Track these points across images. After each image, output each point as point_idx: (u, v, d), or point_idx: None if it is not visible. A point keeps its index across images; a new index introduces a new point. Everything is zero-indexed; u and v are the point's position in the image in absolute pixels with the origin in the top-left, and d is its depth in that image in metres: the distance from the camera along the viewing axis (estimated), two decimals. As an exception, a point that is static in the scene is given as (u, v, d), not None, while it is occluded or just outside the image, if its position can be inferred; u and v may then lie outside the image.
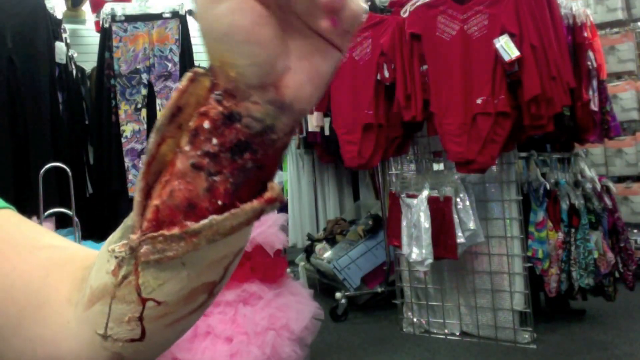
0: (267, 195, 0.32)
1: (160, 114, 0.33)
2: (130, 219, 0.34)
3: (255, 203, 0.32)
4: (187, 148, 0.32)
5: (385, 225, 3.19)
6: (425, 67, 2.70)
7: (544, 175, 2.89)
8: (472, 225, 2.64)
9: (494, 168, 2.76)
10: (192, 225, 0.32)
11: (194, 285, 0.35)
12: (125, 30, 3.38)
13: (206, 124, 0.32)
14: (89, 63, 3.96)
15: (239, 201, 0.32)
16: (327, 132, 3.50)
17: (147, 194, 0.33)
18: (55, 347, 0.38)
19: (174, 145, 0.33)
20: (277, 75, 0.31)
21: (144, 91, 3.33)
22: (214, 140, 0.31)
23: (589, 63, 2.86)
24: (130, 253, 0.33)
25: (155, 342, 0.37)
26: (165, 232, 0.32)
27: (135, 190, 0.34)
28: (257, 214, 0.32)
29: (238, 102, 0.31)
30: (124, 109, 3.31)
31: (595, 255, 2.75)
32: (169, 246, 0.32)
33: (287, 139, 0.33)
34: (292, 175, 4.51)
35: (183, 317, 0.36)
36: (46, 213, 2.44)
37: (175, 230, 0.32)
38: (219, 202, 0.32)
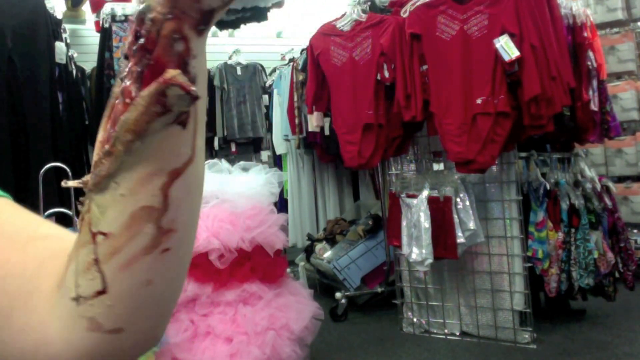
0: (163, 77, 0.30)
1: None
2: None
3: (150, 86, 0.30)
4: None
5: (385, 225, 3.19)
6: (425, 67, 2.71)
7: (544, 175, 2.89)
8: (472, 225, 2.64)
9: (494, 168, 2.76)
10: (111, 134, 0.32)
11: (131, 208, 0.33)
12: (125, 30, 3.38)
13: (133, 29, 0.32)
14: (89, 63, 3.96)
15: None
16: (327, 132, 3.50)
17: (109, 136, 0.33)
18: (41, 334, 0.37)
19: None
20: None
21: (144, 91, 3.33)
22: (126, 43, 0.32)
23: (589, 63, 2.86)
24: (86, 190, 0.33)
25: (121, 295, 0.35)
26: (101, 152, 0.32)
27: (99, 129, 0.34)
28: (157, 99, 0.30)
29: None
30: (124, 109, 3.30)
31: (595, 255, 2.75)
32: (102, 166, 0.32)
33: (170, 25, 0.31)
34: (292, 175, 4.51)
35: (136, 255, 0.34)
36: (46, 213, 2.45)
37: (106, 146, 0.32)
38: (128, 102, 0.31)
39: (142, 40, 0.31)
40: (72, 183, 0.34)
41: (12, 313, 0.38)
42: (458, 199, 2.67)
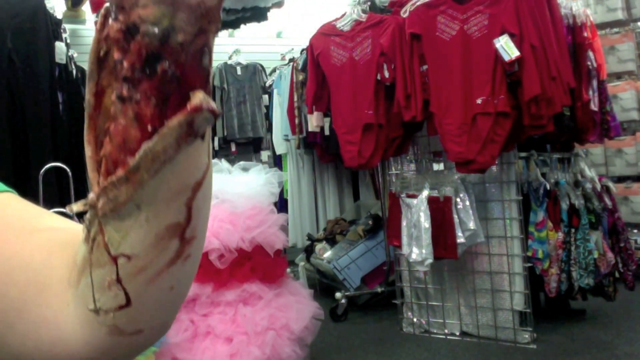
0: (190, 104, 0.29)
1: (88, 58, 0.32)
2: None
3: (179, 116, 0.29)
4: (115, 84, 0.30)
5: (385, 225, 3.19)
6: (425, 67, 2.71)
7: (544, 175, 2.89)
8: (472, 225, 2.64)
9: (494, 168, 2.76)
10: (131, 161, 0.30)
11: (157, 229, 0.33)
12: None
13: (113, 49, 0.29)
14: (89, 63, 3.95)
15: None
16: (327, 132, 3.50)
17: (100, 147, 0.32)
18: (58, 330, 0.37)
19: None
20: None
21: (144, 91, 3.32)
22: (125, 63, 0.29)
23: (589, 63, 2.86)
24: (92, 212, 0.32)
25: (144, 304, 0.35)
26: (113, 177, 0.31)
27: (85, 144, 0.32)
28: (186, 128, 0.29)
29: (129, 12, 0.28)
30: (124, 109, 3.30)
31: (595, 255, 2.75)
32: (119, 191, 0.31)
33: (200, 41, 0.29)
34: (292, 175, 4.51)
35: (162, 270, 0.34)
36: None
37: (120, 172, 0.30)
38: (149, 128, 0.30)
39: (165, 64, 0.29)
40: (76, 207, 0.33)
41: (24, 306, 0.38)
42: (458, 199, 2.67)
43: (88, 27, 4.37)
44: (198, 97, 0.29)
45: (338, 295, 3.27)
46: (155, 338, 0.39)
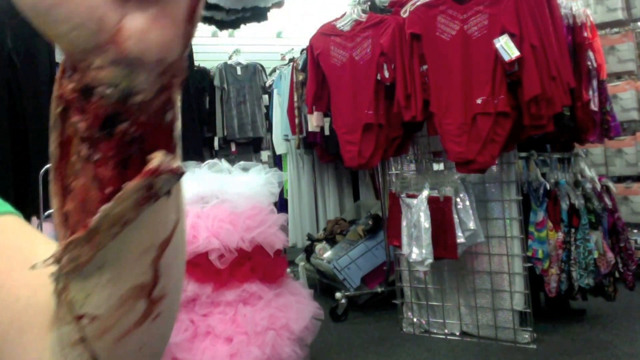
0: (147, 167, 0.27)
1: (50, 110, 0.30)
2: None
3: (137, 180, 0.27)
4: (75, 141, 0.29)
5: (385, 225, 3.19)
6: (425, 67, 2.70)
7: (544, 175, 2.89)
8: (472, 225, 2.64)
9: (494, 168, 2.76)
10: (90, 222, 0.28)
11: (121, 290, 0.31)
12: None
13: (71, 108, 0.28)
14: (89, 63, 3.96)
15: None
16: (327, 132, 3.50)
17: (65, 200, 0.30)
18: None
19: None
20: (111, 29, 0.26)
21: (144, 91, 3.32)
22: (82, 123, 0.28)
23: (589, 63, 2.86)
24: (58, 267, 0.30)
25: None
26: (75, 236, 0.29)
27: (51, 198, 0.31)
28: (145, 191, 0.28)
29: (84, 73, 0.27)
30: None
31: (595, 255, 2.75)
32: (80, 251, 0.29)
33: (162, 98, 0.28)
34: (292, 175, 4.51)
35: (128, 330, 0.32)
36: (46, 213, 2.45)
37: (81, 232, 0.29)
38: (107, 190, 0.28)
39: (121, 126, 0.27)
40: (40, 265, 0.30)
41: (3, 345, 0.36)
42: (458, 199, 2.67)
43: (88, 27, 4.37)
44: (157, 160, 0.27)
45: (338, 295, 3.27)
46: None
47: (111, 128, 0.27)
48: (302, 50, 4.16)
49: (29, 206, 2.65)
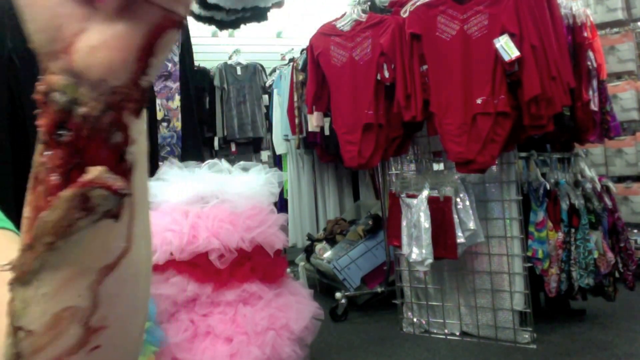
0: (82, 178, 0.28)
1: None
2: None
3: (69, 189, 0.28)
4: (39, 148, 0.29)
5: (385, 225, 3.19)
6: (425, 67, 2.70)
7: (544, 175, 2.89)
8: (472, 225, 2.64)
9: (494, 168, 2.76)
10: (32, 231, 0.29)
11: (55, 309, 0.30)
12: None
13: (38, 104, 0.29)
14: (89, 63, 3.95)
15: None
16: (327, 132, 3.50)
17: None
18: None
19: None
20: (66, 40, 0.27)
21: (143, 91, 3.32)
22: (42, 123, 0.28)
23: (589, 63, 2.86)
24: (12, 274, 0.30)
25: None
26: (23, 243, 0.29)
27: (25, 204, 0.31)
28: (78, 203, 0.28)
29: (45, 75, 0.28)
30: (124, 109, 3.30)
31: (595, 255, 2.75)
32: (25, 259, 0.29)
33: (108, 117, 0.28)
34: (292, 175, 4.51)
35: (61, 356, 0.31)
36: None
37: (27, 240, 0.29)
38: (49, 199, 0.28)
39: (67, 136, 0.28)
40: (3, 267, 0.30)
41: None
42: (458, 199, 2.67)
43: (88, 27, 4.37)
44: (92, 173, 0.28)
45: (338, 295, 3.27)
46: None
47: (60, 136, 0.28)
48: (302, 50, 4.16)
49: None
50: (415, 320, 2.99)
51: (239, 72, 5.20)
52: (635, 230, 3.76)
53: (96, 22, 0.27)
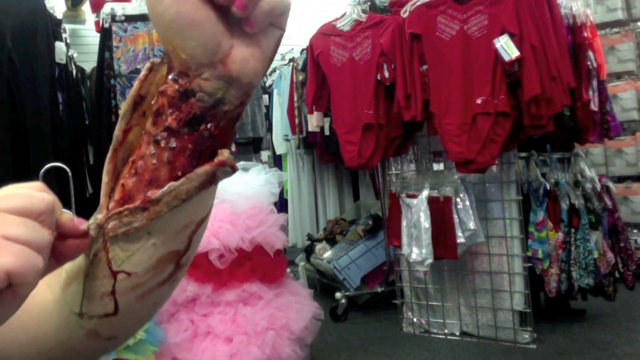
0: (217, 159, 0.35)
1: (125, 102, 0.36)
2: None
3: (207, 166, 0.35)
4: (150, 128, 0.35)
5: (385, 225, 3.19)
6: (425, 67, 2.70)
7: (544, 175, 2.89)
8: (472, 225, 2.64)
9: (494, 168, 2.76)
10: (153, 194, 0.35)
11: (160, 253, 0.37)
12: (125, 30, 3.38)
13: (166, 102, 0.35)
14: (89, 63, 3.96)
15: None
16: (327, 132, 3.50)
17: (116, 176, 0.36)
18: (35, 328, 0.40)
19: (140, 132, 0.37)
20: (223, 53, 0.34)
21: (144, 91, 3.32)
22: (174, 116, 0.35)
23: (589, 63, 2.86)
24: (98, 231, 0.36)
25: (128, 315, 0.38)
26: (130, 205, 0.35)
27: (103, 173, 0.37)
28: (210, 177, 0.35)
29: (191, 80, 0.34)
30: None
31: (595, 255, 2.75)
32: (134, 218, 0.35)
33: (238, 110, 0.36)
34: (292, 175, 4.51)
35: (153, 288, 0.38)
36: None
37: (138, 202, 0.35)
38: (179, 173, 0.35)
39: (207, 125, 0.35)
40: (87, 226, 0.36)
41: None
42: (458, 199, 2.67)
43: (88, 27, 4.37)
44: (224, 155, 0.35)
45: (338, 295, 3.27)
46: (121, 345, 0.43)
47: (196, 125, 0.35)
48: (302, 50, 4.16)
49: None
50: (415, 320, 2.99)
51: (239, 72, 5.20)
52: (635, 230, 3.76)
53: (239, 38, 0.35)
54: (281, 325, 2.20)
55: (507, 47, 2.42)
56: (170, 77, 0.35)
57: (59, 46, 3.14)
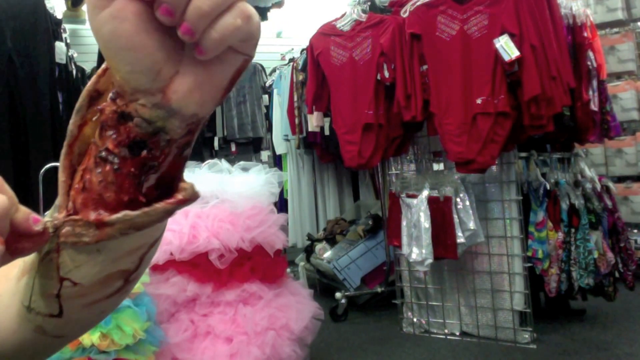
0: (179, 196, 0.32)
1: (81, 95, 0.34)
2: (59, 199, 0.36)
3: (166, 204, 0.32)
4: (97, 141, 0.33)
5: (385, 225, 3.19)
6: (425, 67, 2.70)
7: (544, 175, 2.89)
8: (472, 225, 2.64)
9: (494, 168, 2.76)
10: (105, 216, 0.33)
11: (109, 271, 0.36)
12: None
13: (105, 120, 0.32)
14: (89, 63, 3.97)
15: (143, 197, 0.33)
16: (327, 132, 3.50)
17: (72, 173, 0.34)
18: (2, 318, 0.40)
19: (95, 127, 0.34)
20: (163, 82, 0.30)
21: (143, 91, 3.32)
22: (113, 137, 0.32)
23: (589, 63, 2.86)
24: (54, 231, 0.34)
25: (73, 320, 0.38)
26: (84, 218, 0.33)
27: (59, 170, 0.35)
28: (169, 214, 0.33)
29: (127, 103, 0.31)
30: (124, 109, 3.30)
31: (595, 255, 2.75)
32: (86, 231, 0.33)
33: (186, 139, 0.33)
34: (292, 175, 4.51)
35: (99, 300, 0.37)
36: (46, 213, 2.44)
37: (92, 218, 0.33)
38: (125, 198, 0.33)
39: (149, 152, 0.32)
40: (44, 223, 0.34)
41: None
42: (458, 199, 2.67)
43: (88, 27, 4.36)
44: (187, 192, 0.33)
45: (338, 295, 3.27)
46: (72, 341, 0.43)
47: (137, 150, 0.32)
48: (302, 50, 4.16)
49: (29, 206, 2.65)
50: (415, 320, 2.99)
51: (239, 72, 5.19)
52: (635, 230, 3.76)
53: (188, 65, 0.31)
54: (281, 325, 2.20)
55: (507, 47, 2.42)
56: (110, 94, 0.32)
57: (59, 46, 3.14)
